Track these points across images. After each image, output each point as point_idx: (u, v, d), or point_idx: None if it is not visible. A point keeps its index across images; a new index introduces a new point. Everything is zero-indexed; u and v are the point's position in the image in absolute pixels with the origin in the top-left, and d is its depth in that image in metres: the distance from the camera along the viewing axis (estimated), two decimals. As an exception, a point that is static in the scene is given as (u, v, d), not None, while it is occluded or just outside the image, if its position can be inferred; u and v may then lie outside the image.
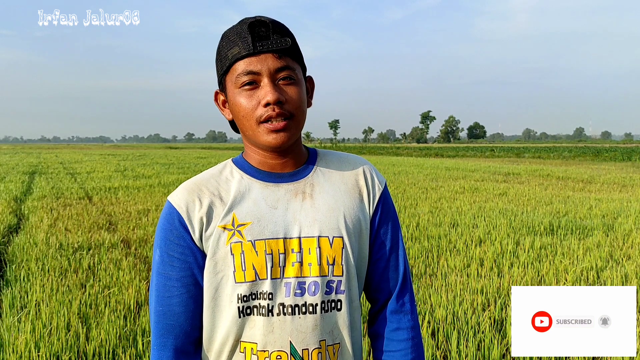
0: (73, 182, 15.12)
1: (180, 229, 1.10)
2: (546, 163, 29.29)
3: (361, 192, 1.18)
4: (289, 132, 1.08)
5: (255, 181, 1.13)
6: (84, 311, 3.96)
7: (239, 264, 1.07)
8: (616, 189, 13.37)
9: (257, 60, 1.05)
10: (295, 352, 1.08)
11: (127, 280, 4.76)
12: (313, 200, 1.13)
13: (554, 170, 20.57)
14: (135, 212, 9.09)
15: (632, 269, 5.22)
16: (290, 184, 1.14)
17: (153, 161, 29.14)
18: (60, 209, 9.54)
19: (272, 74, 1.05)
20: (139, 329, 3.59)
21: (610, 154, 38.92)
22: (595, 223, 7.88)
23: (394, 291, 1.21)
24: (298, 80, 1.09)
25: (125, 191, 12.55)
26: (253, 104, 1.06)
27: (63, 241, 6.48)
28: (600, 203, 10.30)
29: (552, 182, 15.62)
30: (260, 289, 1.07)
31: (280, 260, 1.08)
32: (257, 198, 1.11)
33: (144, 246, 6.33)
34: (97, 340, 3.40)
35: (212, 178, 1.15)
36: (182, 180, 15.52)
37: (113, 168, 22.01)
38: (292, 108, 1.07)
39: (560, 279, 4.91)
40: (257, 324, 1.08)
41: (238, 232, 1.08)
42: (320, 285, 1.09)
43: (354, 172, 1.20)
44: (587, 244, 6.40)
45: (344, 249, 1.11)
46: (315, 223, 1.11)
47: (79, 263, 5.44)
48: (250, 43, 1.05)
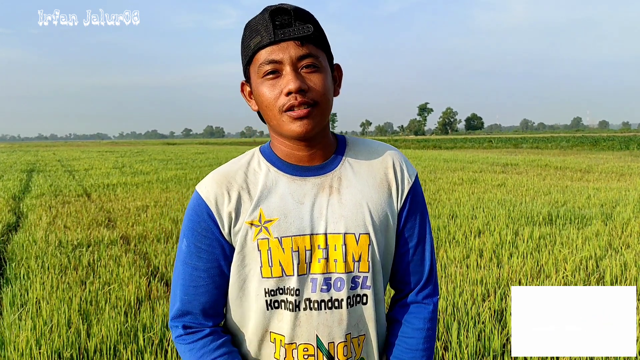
0: (71, 180, 15.10)
1: (209, 222, 1.10)
2: (544, 153, 29.30)
3: (390, 186, 1.15)
4: (313, 119, 1.05)
5: (282, 175, 1.12)
6: (84, 308, 3.97)
7: (266, 260, 1.08)
8: (614, 178, 13.38)
9: (279, 48, 1.03)
10: (322, 345, 1.09)
11: (127, 277, 4.76)
12: (340, 195, 1.12)
13: (552, 160, 20.58)
14: (134, 208, 9.09)
15: (631, 257, 5.23)
16: (317, 177, 1.13)
17: (151, 157, 29.10)
18: (59, 206, 9.53)
19: (294, 62, 1.03)
20: (140, 325, 3.59)
21: (608, 143, 38.95)
22: (593, 212, 7.89)
23: (418, 284, 1.21)
24: (322, 67, 1.06)
25: (124, 188, 12.53)
26: (276, 93, 1.04)
27: (62, 238, 6.47)
28: (599, 192, 10.31)
29: (550, 172, 15.63)
30: (286, 285, 1.08)
31: (307, 257, 1.08)
32: (284, 193, 1.10)
33: (143, 242, 6.33)
34: (98, 337, 3.40)
35: (240, 170, 1.14)
36: (181, 176, 15.51)
37: (111, 165, 21.98)
38: (315, 96, 1.04)
39: (559, 269, 4.92)
40: (285, 318, 1.09)
41: (265, 228, 1.08)
42: (345, 281, 1.09)
43: (384, 165, 1.17)
44: (586, 233, 6.42)
45: (370, 245, 1.10)
46: (342, 219, 1.10)
47: (79, 260, 5.44)
48: (272, 31, 1.03)
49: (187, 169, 19.12)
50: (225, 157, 27.91)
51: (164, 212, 8.55)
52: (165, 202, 9.72)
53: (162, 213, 8.43)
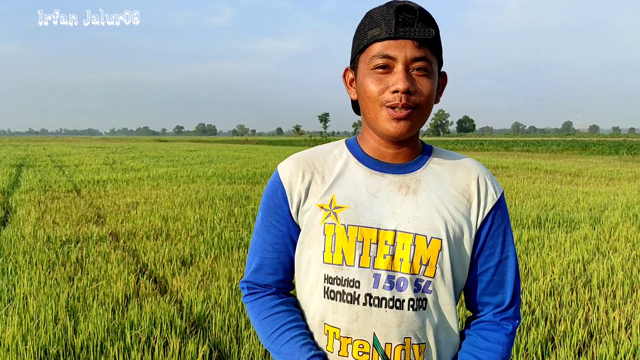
0: (61, 175, 15.00)
1: (280, 199, 1.14)
2: (534, 156, 29.46)
3: (470, 199, 1.12)
4: (411, 122, 1.04)
5: (361, 166, 1.13)
6: (72, 304, 3.95)
7: (329, 245, 1.08)
8: (603, 182, 13.48)
9: (396, 45, 1.02)
10: (378, 344, 1.06)
11: (115, 274, 4.74)
12: (416, 197, 1.10)
13: (542, 164, 20.69)
14: (124, 205, 9.04)
15: (618, 261, 5.28)
16: (396, 175, 1.12)
17: (142, 154, 28.97)
18: (48, 202, 9.47)
19: (408, 62, 1.02)
20: (127, 322, 3.58)
21: (598, 147, 39.23)
22: (582, 216, 7.95)
23: (499, 307, 1.16)
24: (432, 73, 1.05)
25: (114, 184, 12.47)
26: (381, 87, 1.03)
27: (51, 234, 6.43)
28: (588, 196, 10.38)
29: (540, 175, 15.73)
30: (346, 276, 1.07)
31: (372, 250, 1.06)
32: (359, 183, 1.10)
33: (133, 239, 6.30)
34: (85, 334, 3.38)
35: (321, 155, 1.16)
36: (172, 173, 15.46)
37: (101, 161, 21.86)
38: (419, 100, 1.03)
39: (547, 272, 4.95)
40: (341, 310, 1.07)
41: (334, 214, 1.08)
42: (409, 282, 1.06)
43: (467, 177, 1.14)
44: (574, 237, 6.46)
45: (441, 251, 1.07)
46: (414, 220, 1.07)
47: (67, 256, 5.41)
48: (393, 27, 1.01)
49: (178, 166, 19.05)
50: (217, 155, 27.86)
51: (154, 209, 8.52)
52: (155, 200, 9.68)
53: (152, 210, 8.39)
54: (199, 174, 15.19)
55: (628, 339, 3.46)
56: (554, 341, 3.47)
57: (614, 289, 4.47)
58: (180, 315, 3.83)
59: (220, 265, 5.11)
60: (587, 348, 3.39)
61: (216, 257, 5.43)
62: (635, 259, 5.48)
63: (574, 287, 4.55)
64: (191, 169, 17.51)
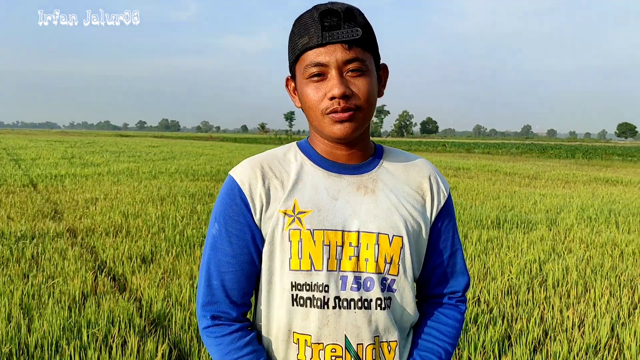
0: (17, 169, 14.53)
1: (241, 205, 1.09)
2: (495, 159, 30.11)
3: (424, 196, 1.16)
4: (355, 123, 1.05)
5: (318, 169, 1.12)
6: (26, 302, 3.83)
7: (296, 251, 1.06)
8: (560, 185, 13.88)
9: (326, 51, 1.01)
10: (350, 346, 1.07)
11: (72, 271, 4.62)
12: (375, 196, 1.11)
13: (502, 166, 21.17)
14: (83, 200, 8.83)
15: (572, 262, 5.44)
16: (353, 176, 1.12)
17: (103, 149, 28.33)
18: (3, 196, 9.16)
19: (340, 65, 1.02)
20: (84, 321, 3.49)
21: (555, 151, 40.37)
22: (539, 217, 8.17)
23: (452, 294, 1.22)
24: (368, 71, 1.05)
25: (73, 179, 12.16)
26: (319, 95, 1.03)
27: (5, 230, 6.23)
28: (545, 198, 10.67)
29: (500, 177, 16.08)
30: (315, 280, 1.06)
31: (337, 253, 1.06)
32: (319, 187, 1.10)
33: (91, 236, 6.16)
34: (39, 332, 3.29)
35: (275, 159, 1.14)
36: (133, 169, 15.16)
37: (60, 155, 21.27)
38: (358, 101, 1.03)
39: (505, 271, 5.07)
40: (312, 316, 1.06)
41: (298, 219, 1.07)
42: (375, 282, 1.07)
43: (420, 175, 1.17)
44: (531, 238, 6.64)
45: (402, 248, 1.10)
46: (375, 219, 1.09)
47: (22, 252, 5.24)
48: (320, 33, 1.01)
49: (140, 162, 18.71)
50: (180, 152, 27.48)
51: (114, 205, 8.34)
52: (116, 195, 9.48)
53: (112, 206, 8.22)
54: (162, 170, 14.95)
55: (581, 337, 3.58)
56: (511, 339, 3.56)
57: (569, 288, 4.61)
58: (139, 314, 3.76)
59: (181, 263, 5.04)
60: (542, 346, 3.49)
61: (178, 255, 5.36)
62: (588, 259, 5.66)
63: (530, 286, 4.67)
64: (153, 165, 17.22)
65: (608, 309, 4.13)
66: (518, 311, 4.03)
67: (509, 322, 3.82)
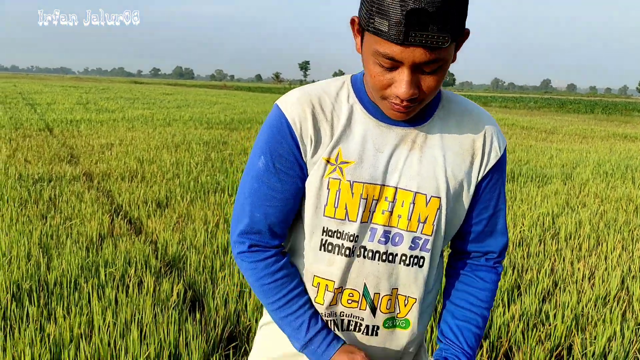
0: (33, 113, 14.62)
1: (291, 144, 1.05)
2: (512, 112, 29.69)
3: (474, 155, 1.10)
4: (413, 111, 1.00)
5: (368, 117, 1.06)
6: (44, 242, 3.92)
7: (333, 200, 1.04)
8: (577, 140, 13.70)
9: (403, 50, 0.89)
10: (368, 294, 1.07)
11: (89, 213, 4.70)
12: (421, 153, 1.06)
13: (519, 120, 20.89)
14: (98, 145, 8.89)
15: (586, 216, 5.43)
16: (403, 129, 1.07)
17: (117, 95, 28.31)
18: (20, 139, 9.26)
19: (416, 65, 0.92)
20: (102, 261, 3.58)
21: (574, 106, 39.67)
22: (554, 172, 8.10)
23: (488, 254, 1.19)
24: (445, 64, 0.94)
25: (88, 124, 12.22)
26: (383, 82, 0.96)
27: (23, 172, 6.32)
28: (561, 153, 10.56)
29: (516, 131, 15.89)
30: (347, 230, 1.05)
31: (372, 205, 1.05)
32: (366, 136, 1.05)
33: (107, 180, 6.23)
34: (58, 270, 3.38)
35: (327, 97, 1.07)
36: (148, 115, 15.18)
37: (75, 100, 21.32)
38: (423, 96, 0.97)
39: (517, 224, 5.07)
40: (337, 263, 1.07)
41: (340, 169, 1.04)
42: (404, 238, 1.06)
43: (474, 132, 1.10)
44: (546, 192, 6.60)
45: (439, 210, 1.06)
46: (417, 177, 1.05)
47: (40, 194, 5.33)
48: (402, 31, 0.86)
49: (154, 109, 18.70)
50: (194, 100, 27.40)
51: (129, 151, 8.40)
52: (130, 142, 9.54)
53: (127, 152, 8.28)
54: (176, 118, 14.96)
55: (590, 288, 3.60)
56: (520, 288, 3.59)
57: (581, 241, 4.62)
58: (155, 256, 3.84)
59: (196, 209, 5.10)
60: (551, 296, 3.52)
61: (192, 200, 5.42)
62: (602, 214, 5.64)
63: (542, 239, 4.68)
64: (168, 112, 17.22)
65: (619, 262, 4.14)
66: (529, 262, 4.05)
67: (519, 272, 3.84)
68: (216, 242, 4.12)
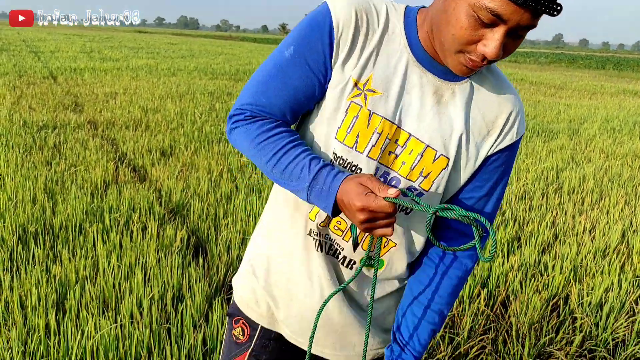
0: (36, 61, 14.49)
1: (326, 44, 0.99)
2: (522, 67, 29.20)
3: (491, 131, 1.07)
4: (479, 68, 0.95)
5: (407, 52, 1.02)
6: (50, 187, 3.95)
7: (347, 124, 1.01)
8: (586, 96, 13.52)
9: (514, 10, 0.85)
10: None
11: (94, 160, 4.72)
12: (445, 109, 1.03)
13: (528, 75, 20.57)
14: (102, 94, 8.85)
15: (590, 170, 5.41)
16: (437, 78, 1.03)
17: (121, 44, 27.94)
18: (24, 87, 9.21)
19: (514, 28, 0.88)
20: (106, 206, 3.61)
21: (586, 61, 38.96)
22: (561, 127, 8.04)
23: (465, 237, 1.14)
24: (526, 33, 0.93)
25: (92, 73, 12.12)
26: (473, 37, 0.90)
27: (27, 119, 6.32)
28: (569, 109, 10.44)
29: (525, 86, 15.67)
30: (352, 160, 1.02)
31: (384, 144, 1.02)
32: (399, 71, 1.01)
33: (111, 128, 6.23)
34: (63, 215, 3.42)
35: (377, 14, 1.01)
36: (152, 65, 15.02)
37: (78, 49, 21.07)
38: (499, 58, 0.92)
39: (521, 177, 5.07)
40: None
41: (365, 95, 1.00)
42: (401, 184, 1.04)
43: (499, 109, 1.07)
44: (551, 146, 6.57)
45: (444, 170, 1.04)
46: (432, 132, 1.02)
47: (44, 141, 5.35)
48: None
49: (158, 58, 18.48)
50: (199, 50, 27.03)
51: (133, 100, 8.36)
52: (135, 91, 9.47)
53: (131, 101, 8.24)
54: (180, 68, 14.80)
55: (591, 241, 3.63)
56: (520, 240, 3.62)
57: (584, 196, 4.62)
58: (159, 203, 3.88)
59: (200, 158, 5.11)
60: (551, 248, 3.55)
61: (196, 150, 5.42)
62: (607, 169, 5.62)
63: (545, 192, 4.68)
64: (172, 62, 17.02)
65: (621, 217, 4.15)
66: (530, 215, 4.07)
67: (520, 225, 3.87)
68: (220, 190, 4.15)
